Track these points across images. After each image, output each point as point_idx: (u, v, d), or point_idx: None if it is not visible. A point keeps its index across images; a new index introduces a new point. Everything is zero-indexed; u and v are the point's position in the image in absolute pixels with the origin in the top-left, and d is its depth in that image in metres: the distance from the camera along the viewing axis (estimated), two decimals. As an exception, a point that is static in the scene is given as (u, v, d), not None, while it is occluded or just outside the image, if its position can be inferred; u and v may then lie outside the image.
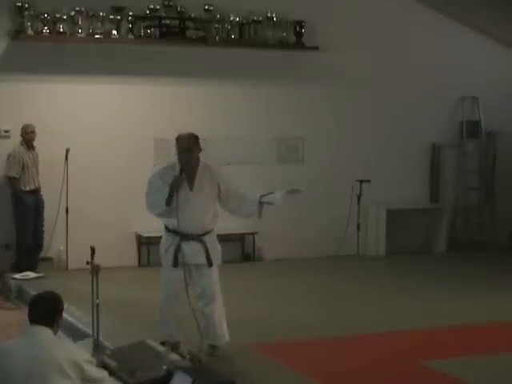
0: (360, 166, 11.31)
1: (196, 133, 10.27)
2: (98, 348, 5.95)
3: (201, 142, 6.55)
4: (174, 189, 6.29)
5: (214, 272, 6.57)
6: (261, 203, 6.53)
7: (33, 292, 6.96)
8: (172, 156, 6.60)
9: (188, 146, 6.43)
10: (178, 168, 6.40)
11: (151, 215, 6.62)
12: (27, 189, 9.54)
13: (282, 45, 10.77)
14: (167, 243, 6.51)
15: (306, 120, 11.13)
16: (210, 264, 6.48)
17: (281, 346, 6.99)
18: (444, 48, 11.68)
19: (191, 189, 6.43)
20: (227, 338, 6.59)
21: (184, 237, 6.43)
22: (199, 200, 6.43)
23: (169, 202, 6.30)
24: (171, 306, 6.46)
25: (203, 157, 6.58)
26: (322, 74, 11.07)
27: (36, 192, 9.66)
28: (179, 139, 6.49)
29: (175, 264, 6.41)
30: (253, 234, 10.70)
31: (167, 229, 6.54)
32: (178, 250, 6.41)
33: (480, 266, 10.75)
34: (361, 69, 11.25)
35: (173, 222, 6.40)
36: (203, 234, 6.48)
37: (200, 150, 6.55)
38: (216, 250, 6.60)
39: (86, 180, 9.97)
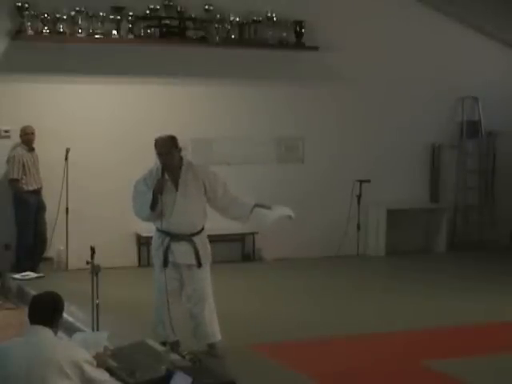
0: (360, 166, 11.31)
1: (196, 132, 10.34)
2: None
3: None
4: (157, 192, 6.32)
5: (205, 272, 6.56)
6: (253, 211, 6.54)
7: (33, 292, 6.96)
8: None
9: (166, 149, 6.42)
10: (161, 171, 6.41)
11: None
12: (30, 188, 9.55)
13: (281, 45, 10.77)
14: (157, 243, 6.53)
15: (306, 120, 11.13)
16: (199, 264, 6.48)
17: (281, 346, 6.98)
18: (444, 48, 11.68)
19: (176, 189, 6.43)
20: (218, 336, 6.59)
21: (174, 237, 6.44)
22: (185, 200, 6.43)
23: (153, 206, 6.33)
24: (166, 306, 6.42)
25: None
26: (321, 74, 11.07)
27: (38, 192, 9.66)
28: (157, 143, 6.47)
29: (165, 264, 6.43)
30: (253, 234, 10.70)
31: (157, 229, 6.55)
32: (167, 250, 6.43)
33: (480, 265, 10.76)
34: (361, 69, 11.24)
35: (161, 224, 6.42)
36: (193, 234, 6.48)
37: (180, 149, 6.54)
38: (206, 250, 6.58)
39: (86, 180, 9.97)
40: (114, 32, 10.01)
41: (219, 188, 6.56)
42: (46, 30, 9.70)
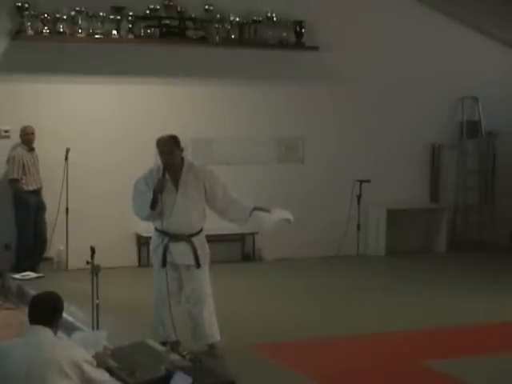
0: (360, 166, 11.31)
1: (196, 132, 10.33)
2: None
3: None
4: (157, 192, 6.31)
5: (204, 272, 6.55)
6: (252, 214, 6.53)
7: (33, 292, 6.95)
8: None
9: (168, 148, 6.41)
10: (162, 170, 6.40)
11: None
12: (30, 188, 9.55)
13: (281, 45, 10.77)
14: (156, 243, 6.54)
15: (306, 120, 11.13)
16: (197, 265, 6.48)
17: (281, 346, 6.99)
18: (444, 48, 11.68)
19: (176, 190, 6.43)
20: (217, 337, 6.59)
21: (172, 237, 6.43)
22: (185, 201, 6.42)
23: (153, 205, 6.33)
24: (165, 306, 6.42)
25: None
26: (321, 74, 11.07)
27: (38, 192, 9.66)
28: (159, 142, 6.47)
29: (163, 264, 6.43)
30: (253, 234, 10.69)
31: (156, 229, 6.56)
32: (165, 250, 6.43)
33: (480, 265, 10.76)
34: (360, 69, 11.24)
35: (160, 223, 6.43)
36: (191, 235, 6.48)
37: (182, 149, 6.53)
38: (205, 250, 6.57)
39: (86, 180, 9.97)
40: (114, 32, 10.01)
41: (219, 190, 6.56)
42: (46, 30, 9.70)
